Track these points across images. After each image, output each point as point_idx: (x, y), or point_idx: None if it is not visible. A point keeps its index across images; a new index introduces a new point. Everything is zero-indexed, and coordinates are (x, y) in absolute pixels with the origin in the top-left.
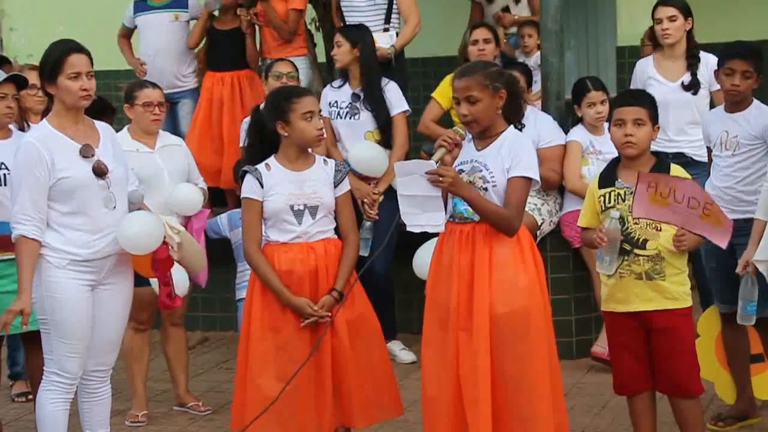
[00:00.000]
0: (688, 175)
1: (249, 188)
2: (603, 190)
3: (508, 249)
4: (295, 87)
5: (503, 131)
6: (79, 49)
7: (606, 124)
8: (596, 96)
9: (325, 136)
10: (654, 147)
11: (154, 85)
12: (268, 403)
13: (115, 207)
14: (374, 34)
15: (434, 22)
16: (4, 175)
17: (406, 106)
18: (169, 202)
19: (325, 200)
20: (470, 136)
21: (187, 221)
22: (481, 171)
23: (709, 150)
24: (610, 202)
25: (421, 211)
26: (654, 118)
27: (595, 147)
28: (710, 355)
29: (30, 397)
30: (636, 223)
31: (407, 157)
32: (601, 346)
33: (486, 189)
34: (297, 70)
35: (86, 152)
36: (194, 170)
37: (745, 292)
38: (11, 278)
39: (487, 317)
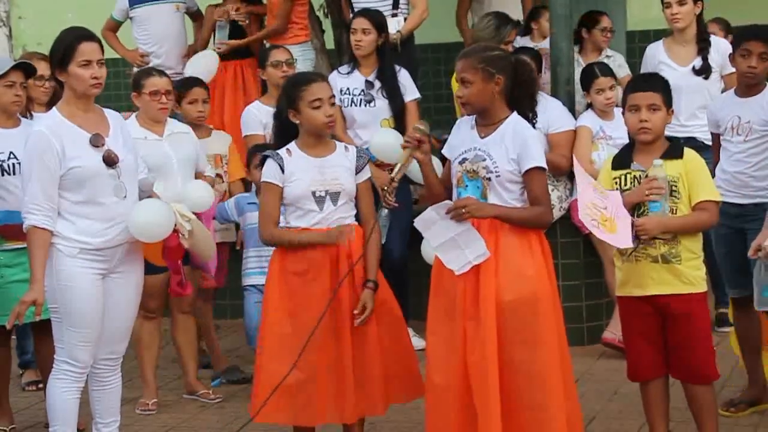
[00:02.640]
0: (701, 159)
1: (269, 173)
2: (618, 172)
3: (514, 237)
4: (304, 74)
5: (506, 118)
6: (89, 36)
7: (616, 110)
8: (604, 82)
9: (334, 123)
10: (666, 132)
11: (161, 73)
12: (290, 390)
13: (125, 196)
14: None
15: (444, 9)
16: (13, 164)
17: (418, 94)
18: (180, 199)
19: (346, 187)
20: (473, 122)
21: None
22: (484, 160)
23: (716, 136)
24: (626, 185)
25: (462, 248)
26: (668, 102)
27: (605, 132)
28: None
29: (41, 385)
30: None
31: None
32: (612, 332)
33: (489, 179)
34: (293, 56)
35: (96, 141)
36: (202, 158)
37: (759, 277)
38: (21, 267)
39: (493, 306)
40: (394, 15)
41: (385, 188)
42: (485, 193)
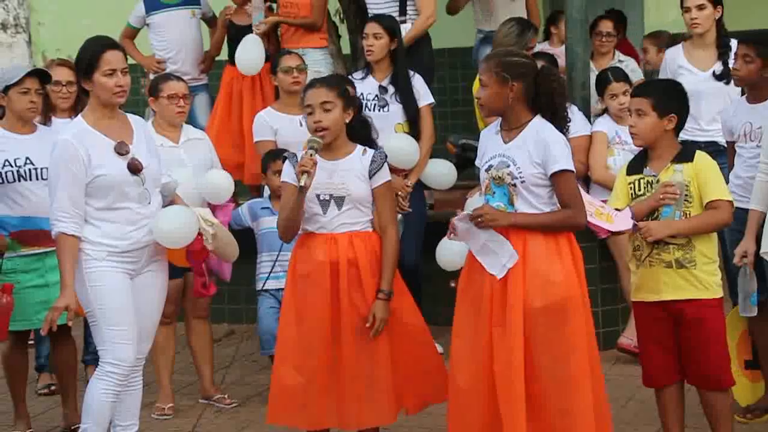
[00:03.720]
0: (712, 161)
1: (287, 173)
2: (632, 177)
3: (542, 241)
4: (309, 81)
5: (528, 122)
6: (114, 45)
7: None
8: (617, 87)
9: (326, 129)
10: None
11: (179, 78)
12: (288, 392)
13: (149, 202)
14: None
15: (461, 12)
16: (29, 170)
17: (431, 99)
18: (200, 189)
19: (353, 192)
20: (498, 128)
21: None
22: (508, 166)
23: (730, 144)
24: (640, 190)
25: (497, 253)
26: (663, 108)
27: (620, 137)
28: (732, 355)
29: (53, 388)
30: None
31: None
32: (627, 338)
33: (515, 185)
34: (304, 62)
35: (121, 149)
36: (217, 164)
37: (743, 283)
38: (36, 273)
39: (520, 312)
40: (403, 21)
41: (399, 193)
42: (512, 199)
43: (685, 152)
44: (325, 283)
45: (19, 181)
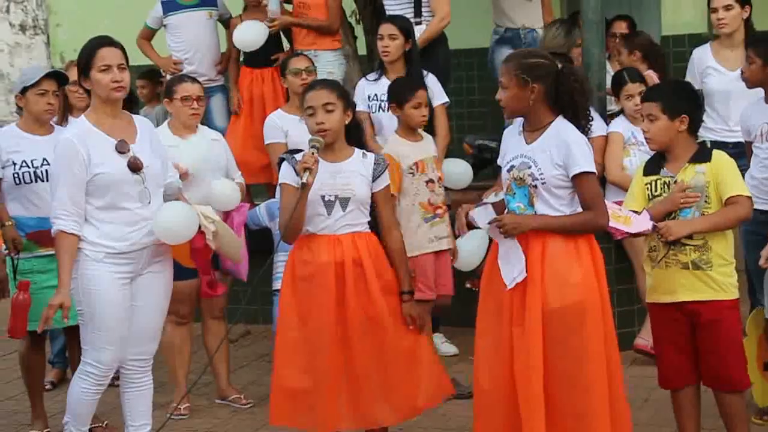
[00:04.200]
0: (729, 159)
1: (285, 174)
2: (648, 178)
3: (561, 243)
4: (310, 83)
5: (550, 123)
6: (110, 43)
7: None
8: (633, 88)
9: (327, 131)
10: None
11: (193, 80)
12: (292, 394)
13: (149, 202)
14: None
15: (475, 14)
16: (46, 170)
17: (446, 98)
18: (207, 198)
19: (357, 193)
20: (521, 128)
21: (227, 215)
22: (529, 167)
23: (748, 144)
24: (657, 191)
25: (513, 264)
26: (673, 109)
27: (636, 138)
28: (752, 356)
29: (48, 387)
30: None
31: (447, 149)
32: (644, 339)
33: (536, 186)
34: (313, 63)
35: (122, 148)
36: (232, 164)
37: None
38: (53, 273)
39: (539, 313)
40: (418, 23)
41: None
42: (532, 200)
43: (703, 152)
44: (330, 285)
45: (36, 182)
